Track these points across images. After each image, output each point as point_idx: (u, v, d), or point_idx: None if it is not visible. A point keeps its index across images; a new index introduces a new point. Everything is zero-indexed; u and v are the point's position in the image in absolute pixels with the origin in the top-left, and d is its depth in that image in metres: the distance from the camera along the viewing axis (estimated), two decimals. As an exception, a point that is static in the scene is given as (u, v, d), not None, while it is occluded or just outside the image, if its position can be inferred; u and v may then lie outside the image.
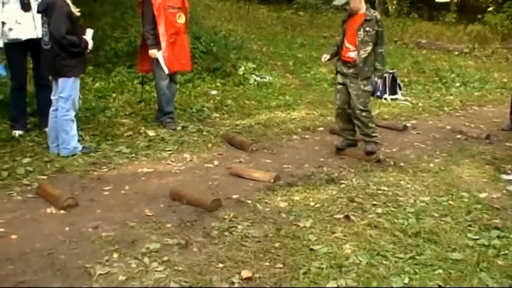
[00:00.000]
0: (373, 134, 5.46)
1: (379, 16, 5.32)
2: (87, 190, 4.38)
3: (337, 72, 5.49)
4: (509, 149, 5.99)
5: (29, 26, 5.38)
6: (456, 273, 3.19)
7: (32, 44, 5.42)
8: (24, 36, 5.40)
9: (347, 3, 5.23)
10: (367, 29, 5.19)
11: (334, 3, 5.52)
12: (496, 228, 3.84)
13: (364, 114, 5.36)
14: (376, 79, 5.28)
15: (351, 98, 5.37)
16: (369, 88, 5.38)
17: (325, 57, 5.53)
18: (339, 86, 5.48)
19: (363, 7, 5.24)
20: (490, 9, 15.63)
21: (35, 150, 5.22)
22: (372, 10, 5.31)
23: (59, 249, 3.31)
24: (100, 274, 3.03)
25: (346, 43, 5.32)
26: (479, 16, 15.97)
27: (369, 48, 5.21)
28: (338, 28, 17.88)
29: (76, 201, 4.01)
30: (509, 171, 5.13)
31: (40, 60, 5.26)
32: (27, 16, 5.37)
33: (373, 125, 5.51)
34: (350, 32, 5.29)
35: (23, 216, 3.81)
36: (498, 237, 3.70)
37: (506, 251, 3.49)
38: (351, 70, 5.30)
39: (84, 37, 5.07)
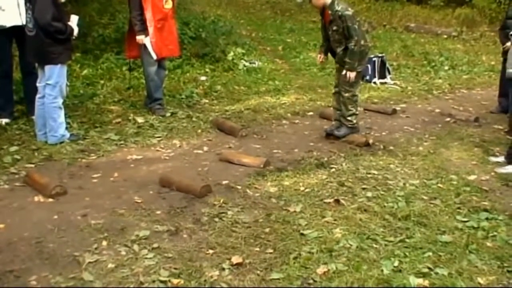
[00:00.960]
0: (349, 118, 5.46)
1: (342, 12, 5.15)
2: (75, 177, 4.34)
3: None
4: (497, 131, 6.01)
5: (14, 13, 5.30)
6: (446, 256, 3.21)
7: (17, 31, 5.34)
8: (8, 23, 5.32)
9: None
10: (334, 28, 5.23)
11: None
12: (485, 210, 3.87)
13: (347, 94, 5.40)
14: (348, 73, 5.24)
15: (340, 76, 5.42)
16: (358, 68, 5.37)
17: (320, 56, 5.70)
18: (336, 65, 5.57)
19: (325, 2, 5.21)
20: (478, -8, 15.64)
21: (23, 138, 5.17)
22: (336, 7, 5.17)
23: (47, 238, 3.29)
24: (89, 262, 3.01)
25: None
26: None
27: (343, 45, 5.28)
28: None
29: (64, 189, 3.98)
30: (497, 154, 5.15)
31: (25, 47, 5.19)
32: (12, 2, 5.28)
33: (353, 110, 5.49)
34: (327, 29, 5.38)
35: (11, 205, 3.78)
36: (487, 219, 3.73)
37: (495, 233, 3.52)
38: (337, 58, 5.47)
39: (69, 23, 5.00)
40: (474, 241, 3.39)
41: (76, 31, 5.06)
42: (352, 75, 5.29)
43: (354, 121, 5.52)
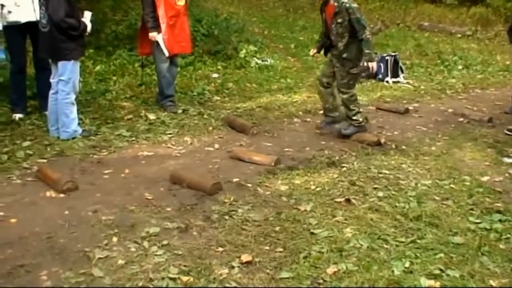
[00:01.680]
0: (354, 118, 5.45)
1: (349, 4, 5.14)
2: (86, 173, 4.36)
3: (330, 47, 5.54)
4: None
5: (28, 9, 5.33)
6: (458, 257, 3.17)
7: (31, 27, 5.37)
8: (23, 19, 5.35)
9: None
10: (339, 20, 5.17)
11: None
12: (498, 211, 3.82)
13: (345, 96, 5.40)
14: (369, 64, 5.19)
15: (336, 78, 5.43)
16: (354, 71, 5.35)
17: (313, 51, 5.78)
18: (327, 59, 5.60)
19: None
20: (493, -9, 15.48)
21: (35, 133, 5.20)
22: None
23: (58, 233, 3.30)
24: (99, 258, 3.02)
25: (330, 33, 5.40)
26: (482, -2, 15.82)
27: (345, 39, 5.23)
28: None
29: (75, 184, 4.00)
30: (511, 154, 5.09)
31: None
32: None
33: (356, 108, 5.47)
34: (329, 22, 5.35)
35: (23, 200, 3.80)
36: (500, 220, 3.68)
37: (508, 235, 3.47)
38: (336, 52, 5.38)
39: (82, 19, 5.01)
40: (486, 243, 3.35)
41: (89, 27, 5.08)
42: (374, 65, 5.26)
43: (361, 119, 5.50)
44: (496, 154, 5.15)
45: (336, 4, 5.17)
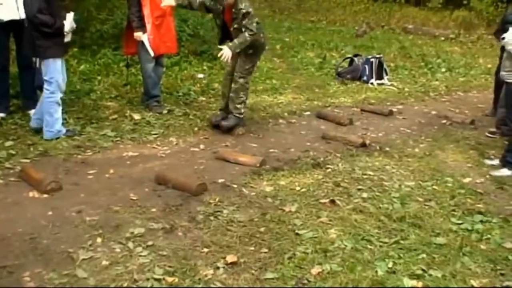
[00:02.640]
0: (238, 106, 5.51)
1: (246, 10, 5.21)
2: (71, 173, 4.33)
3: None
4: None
5: (11, 7, 5.26)
6: (440, 258, 3.22)
7: (14, 25, 5.31)
8: (6, 17, 5.29)
9: None
10: (236, 26, 5.28)
11: None
12: (479, 212, 3.89)
13: (241, 80, 5.47)
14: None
15: (237, 63, 5.46)
16: (252, 57, 5.47)
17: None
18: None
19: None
20: (476, -6, 15.69)
21: (18, 133, 5.14)
22: (240, 5, 5.18)
23: (41, 234, 3.28)
24: (83, 259, 3.01)
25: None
26: (465, 2, 16.00)
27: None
28: (325, 12, 17.80)
29: (59, 184, 3.97)
30: (492, 156, 5.16)
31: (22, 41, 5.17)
32: None
33: (244, 98, 5.55)
34: (229, 23, 5.39)
35: (5, 200, 3.76)
36: (481, 221, 3.75)
37: (489, 236, 3.54)
38: None
39: (65, 20, 4.94)
40: (468, 244, 3.41)
41: (67, 27, 4.94)
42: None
43: (242, 110, 5.59)
44: (478, 156, 5.22)
45: (234, 10, 5.24)
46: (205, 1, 5.40)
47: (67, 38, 5.07)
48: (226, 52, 5.19)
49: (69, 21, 4.97)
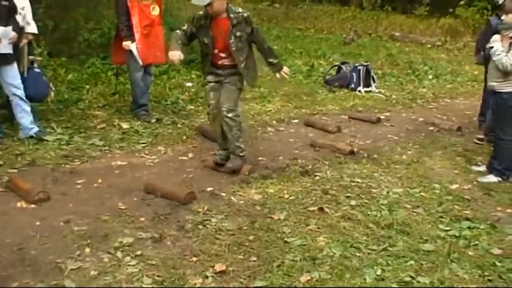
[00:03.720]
0: (237, 144, 4.70)
1: (246, 13, 4.66)
2: (59, 183, 4.31)
3: (208, 73, 4.74)
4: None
5: None
6: (428, 264, 3.24)
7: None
8: None
9: (209, 4, 4.43)
10: (238, 34, 4.56)
11: (193, 2, 4.64)
12: (467, 219, 3.92)
13: (230, 114, 4.59)
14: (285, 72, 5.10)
15: (221, 96, 4.66)
16: (240, 85, 4.79)
17: (177, 54, 4.61)
18: (211, 84, 4.73)
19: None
20: (462, 2, 15.84)
21: (5, 142, 5.11)
22: (235, 9, 4.62)
23: (29, 244, 3.26)
24: (71, 269, 2.99)
25: (216, 51, 4.65)
26: (451, 10, 16.19)
27: (245, 54, 4.69)
28: (313, 20, 17.86)
29: (47, 194, 3.95)
30: (479, 163, 5.21)
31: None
32: None
33: (239, 133, 4.71)
34: (219, 39, 4.61)
35: (-7, 211, 3.74)
36: (469, 228, 3.78)
37: (477, 242, 3.57)
38: (227, 71, 4.70)
39: None
40: (456, 250, 3.43)
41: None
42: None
43: (243, 146, 4.78)
44: (465, 162, 5.27)
45: (232, 15, 4.57)
46: (186, 30, 4.75)
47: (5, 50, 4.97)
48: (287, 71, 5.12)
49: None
